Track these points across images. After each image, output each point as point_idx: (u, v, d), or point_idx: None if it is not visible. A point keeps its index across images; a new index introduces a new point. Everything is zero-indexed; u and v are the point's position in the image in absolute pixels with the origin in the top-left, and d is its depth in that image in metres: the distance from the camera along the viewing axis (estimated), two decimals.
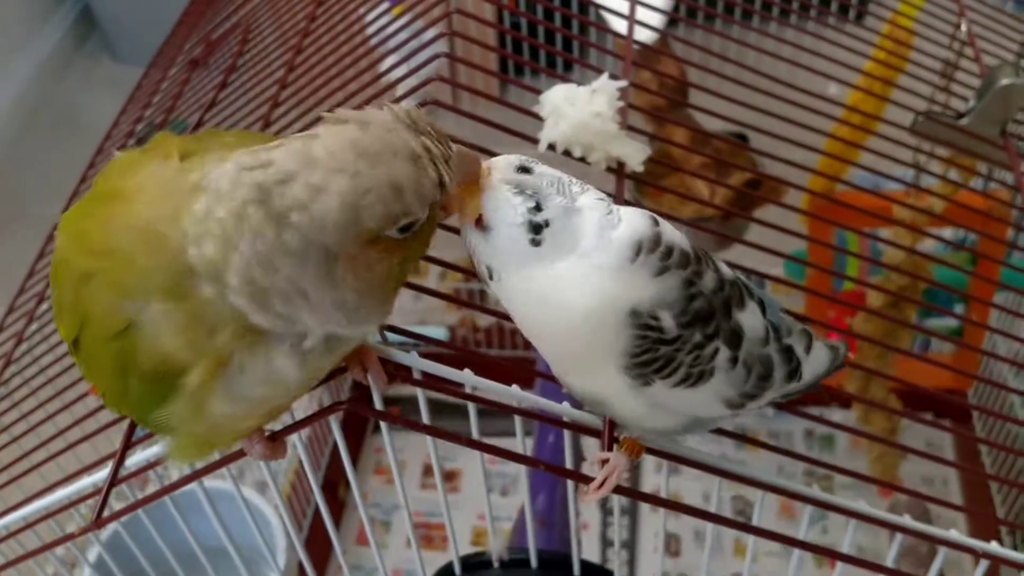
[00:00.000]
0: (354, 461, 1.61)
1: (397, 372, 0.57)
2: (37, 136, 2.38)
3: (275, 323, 0.46)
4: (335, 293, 0.46)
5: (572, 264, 0.49)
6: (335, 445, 1.54)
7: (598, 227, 0.49)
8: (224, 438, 0.54)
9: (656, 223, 0.51)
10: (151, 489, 0.70)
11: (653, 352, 0.50)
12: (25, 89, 2.43)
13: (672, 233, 0.51)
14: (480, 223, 0.50)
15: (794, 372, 0.56)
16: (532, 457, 0.57)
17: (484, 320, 1.70)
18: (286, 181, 0.44)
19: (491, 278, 0.51)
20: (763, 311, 0.54)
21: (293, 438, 0.59)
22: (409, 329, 0.63)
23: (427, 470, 1.61)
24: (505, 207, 0.49)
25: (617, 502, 1.44)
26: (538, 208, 0.49)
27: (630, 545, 1.51)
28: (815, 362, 0.59)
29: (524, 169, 0.51)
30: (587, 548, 1.47)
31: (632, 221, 0.50)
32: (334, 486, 1.54)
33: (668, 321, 0.50)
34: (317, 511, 1.48)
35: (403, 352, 0.57)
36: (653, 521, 1.53)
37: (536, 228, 0.49)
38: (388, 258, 0.46)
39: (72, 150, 1.52)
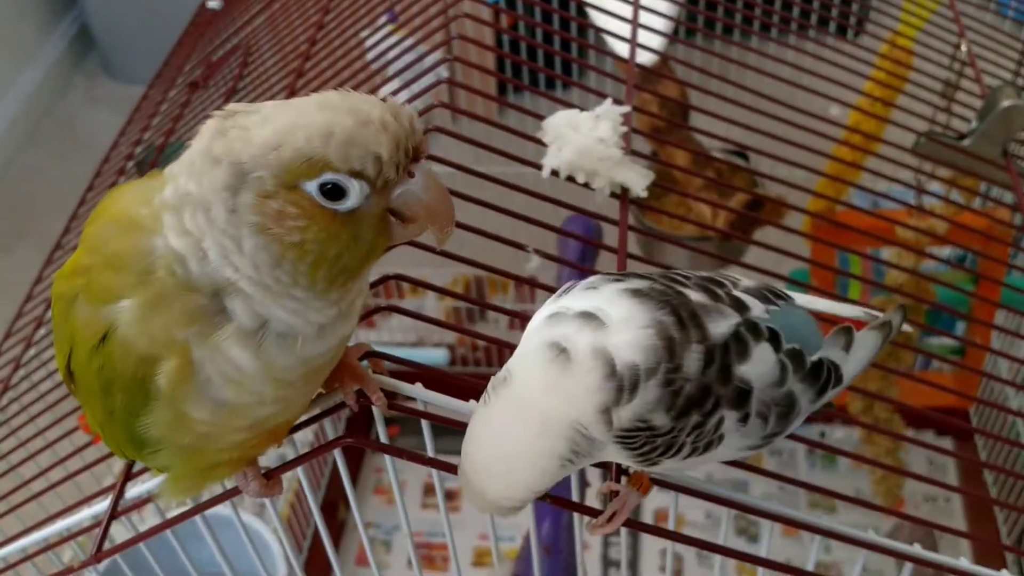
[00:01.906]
0: (354, 480, 1.62)
1: (398, 404, 0.56)
2: (36, 154, 2.38)
3: (188, 248, 0.46)
4: (236, 223, 0.45)
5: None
6: (335, 464, 1.53)
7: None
8: (213, 455, 0.52)
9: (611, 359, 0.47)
10: (150, 516, 0.70)
11: (651, 444, 0.48)
12: (24, 108, 2.43)
13: (628, 349, 0.47)
14: None
15: (827, 384, 0.53)
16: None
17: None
18: (252, 112, 0.45)
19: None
20: (777, 346, 0.51)
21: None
22: (407, 358, 0.62)
23: (428, 489, 1.60)
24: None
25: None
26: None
27: (632, 565, 1.50)
28: (859, 354, 0.56)
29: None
30: (589, 568, 1.46)
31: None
32: (334, 506, 1.53)
33: (660, 419, 0.48)
34: (317, 531, 1.47)
35: (408, 384, 0.56)
36: (655, 540, 1.52)
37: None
38: (306, 223, 0.45)
39: (71, 168, 1.52)
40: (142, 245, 0.47)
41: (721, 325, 0.49)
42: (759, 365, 0.50)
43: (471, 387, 0.63)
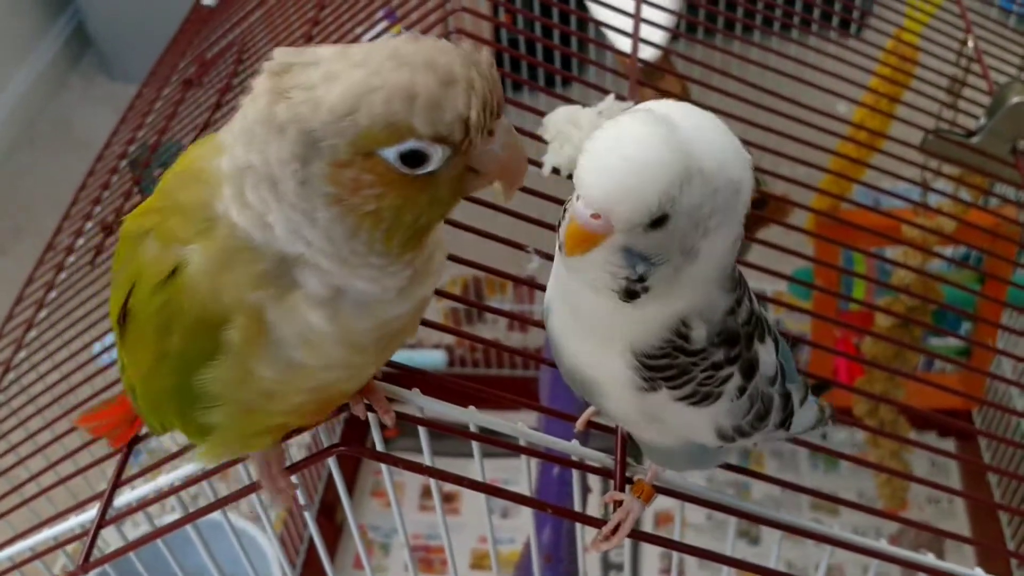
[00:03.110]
0: (352, 482, 1.61)
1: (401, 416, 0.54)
2: (32, 153, 2.37)
3: (251, 220, 0.42)
4: (308, 196, 0.41)
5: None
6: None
7: (703, 281, 0.44)
8: (266, 418, 0.49)
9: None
10: (142, 522, 0.68)
11: (671, 358, 0.46)
12: (20, 106, 2.41)
13: None
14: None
15: (786, 420, 0.53)
16: (538, 499, 0.55)
17: (485, 336, 1.68)
18: (310, 64, 0.41)
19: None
20: (776, 349, 0.52)
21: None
22: (403, 364, 0.60)
23: (426, 491, 1.59)
24: (605, 278, 0.43)
25: None
26: (642, 279, 0.42)
27: (634, 568, 1.48)
28: (804, 417, 0.56)
29: (658, 221, 0.41)
30: (590, 571, 1.45)
31: None
32: (333, 508, 1.52)
33: (699, 331, 0.46)
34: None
35: (405, 390, 0.54)
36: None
37: (630, 294, 0.43)
38: (383, 190, 0.41)
39: (67, 167, 1.51)
40: (204, 200, 0.44)
41: (755, 303, 0.50)
42: (766, 354, 0.50)
43: (469, 392, 0.62)
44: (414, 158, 0.41)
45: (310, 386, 0.47)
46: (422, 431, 0.58)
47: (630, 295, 0.43)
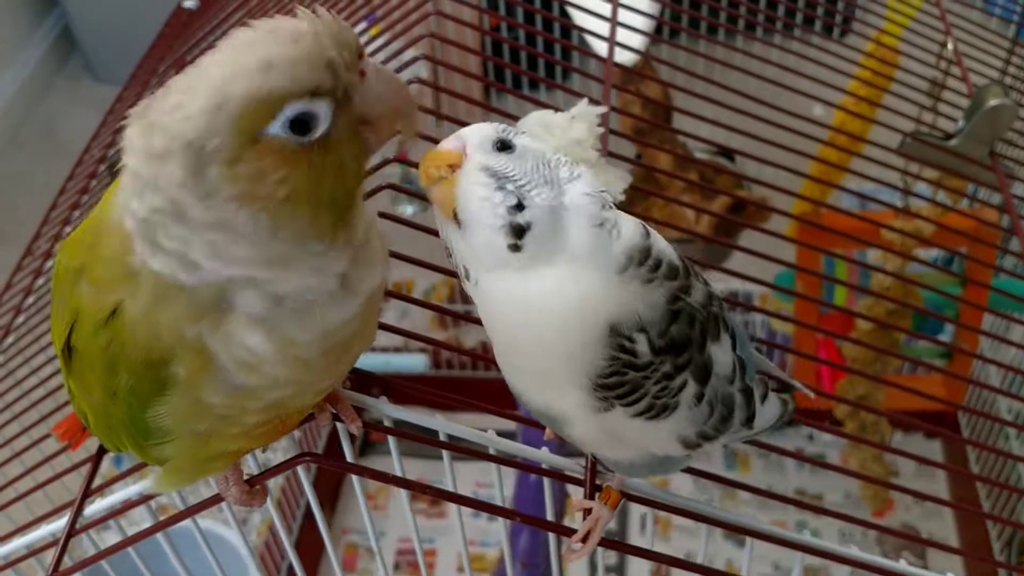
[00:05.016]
0: (338, 487, 1.60)
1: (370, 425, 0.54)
2: (17, 157, 2.36)
3: (173, 265, 0.42)
4: (217, 208, 0.40)
5: (556, 270, 0.44)
6: (318, 471, 1.51)
7: (587, 230, 0.45)
8: (221, 443, 0.49)
9: (647, 233, 0.47)
10: (114, 530, 0.68)
11: (620, 376, 0.46)
12: (5, 110, 2.40)
13: (663, 244, 0.48)
14: (456, 217, 0.45)
15: (751, 418, 0.53)
16: (514, 506, 0.55)
17: (469, 341, 1.68)
18: (166, 94, 0.41)
19: (467, 278, 0.46)
20: (734, 345, 0.51)
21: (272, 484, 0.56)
22: (369, 371, 0.60)
23: (414, 494, 1.58)
24: (482, 205, 0.44)
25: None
26: (519, 207, 0.44)
27: (619, 569, 1.48)
28: (767, 413, 0.55)
29: (504, 145, 0.45)
30: (574, 570, 1.44)
31: (625, 229, 0.46)
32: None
33: (643, 345, 0.45)
34: (300, 538, 1.45)
35: (372, 399, 0.54)
36: (641, 545, 1.51)
37: (517, 231, 0.44)
38: (286, 171, 0.40)
39: (53, 171, 1.50)
40: (120, 255, 0.43)
41: (703, 293, 0.49)
42: (722, 352, 0.50)
43: (443, 400, 0.62)
44: (301, 124, 0.40)
45: (261, 407, 0.47)
46: (392, 441, 0.57)
47: (518, 232, 0.44)
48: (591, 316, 0.45)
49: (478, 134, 0.46)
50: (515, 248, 0.44)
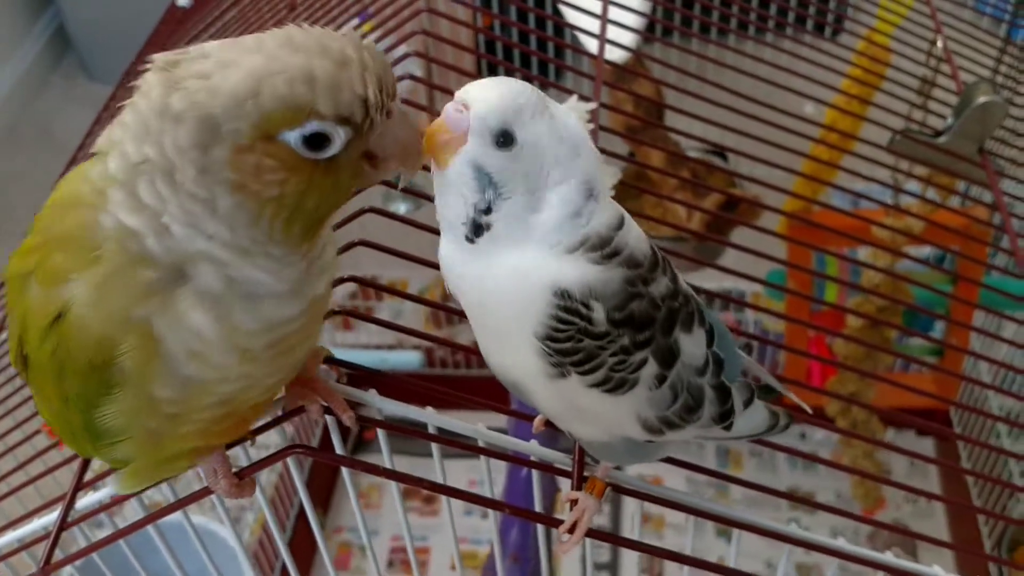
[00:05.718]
0: (332, 485, 1.60)
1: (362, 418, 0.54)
2: (12, 155, 2.36)
3: (144, 225, 0.42)
4: (208, 184, 0.41)
5: (510, 253, 0.47)
6: (313, 465, 1.52)
7: (560, 218, 0.46)
8: (177, 443, 0.49)
9: (619, 226, 0.48)
10: (107, 524, 0.68)
11: (575, 342, 0.47)
12: (1, 106, 2.40)
13: (634, 237, 0.49)
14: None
15: (726, 416, 0.53)
16: (505, 499, 0.55)
17: (463, 338, 1.68)
18: (200, 57, 0.41)
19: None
20: (710, 341, 0.52)
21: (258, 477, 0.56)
22: (376, 361, 0.61)
23: (408, 491, 1.59)
24: (456, 199, 0.46)
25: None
26: (488, 211, 0.46)
27: (612, 567, 1.49)
28: (751, 419, 0.56)
29: (506, 139, 0.45)
30: (567, 569, 1.45)
31: (596, 219, 0.47)
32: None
33: (599, 314, 0.47)
34: (292, 540, 1.45)
35: (362, 392, 0.54)
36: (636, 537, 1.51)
37: (476, 229, 0.46)
38: (286, 175, 0.41)
39: (48, 169, 1.49)
40: (86, 222, 0.43)
41: (687, 287, 0.51)
42: (692, 344, 0.51)
43: (434, 394, 0.62)
44: (317, 141, 0.41)
45: (210, 402, 0.47)
46: (381, 433, 0.58)
47: (475, 230, 0.46)
48: (533, 274, 0.47)
49: (485, 112, 0.46)
50: (469, 240, 0.47)
